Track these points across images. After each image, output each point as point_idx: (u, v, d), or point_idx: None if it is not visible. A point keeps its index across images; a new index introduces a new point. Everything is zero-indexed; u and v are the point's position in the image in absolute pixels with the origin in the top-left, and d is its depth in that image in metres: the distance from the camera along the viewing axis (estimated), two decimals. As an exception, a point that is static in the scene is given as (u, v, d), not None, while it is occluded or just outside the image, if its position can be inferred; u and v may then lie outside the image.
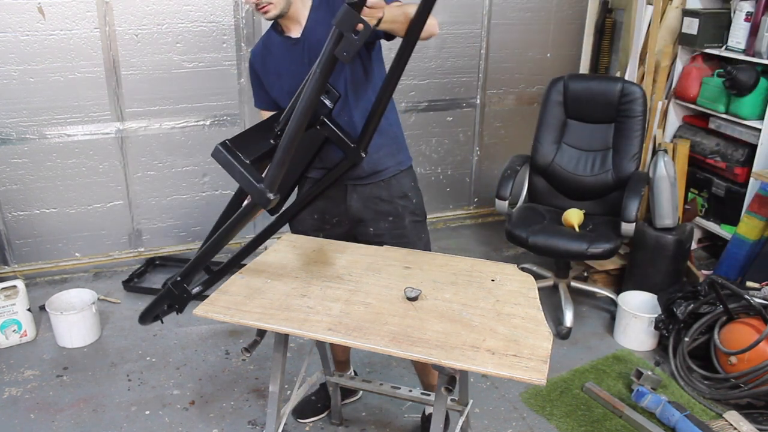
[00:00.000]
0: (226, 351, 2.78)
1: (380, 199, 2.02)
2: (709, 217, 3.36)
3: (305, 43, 1.86)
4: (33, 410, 2.41)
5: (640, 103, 2.99)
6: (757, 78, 2.93)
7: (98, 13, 3.00)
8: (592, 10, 3.78)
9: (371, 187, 2.01)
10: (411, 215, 2.06)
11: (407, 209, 2.05)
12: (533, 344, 1.48)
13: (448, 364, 1.44)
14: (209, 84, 3.24)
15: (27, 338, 2.80)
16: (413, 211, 2.06)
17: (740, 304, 2.53)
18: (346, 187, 2.02)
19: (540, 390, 2.53)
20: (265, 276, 1.79)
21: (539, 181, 3.22)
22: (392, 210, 2.03)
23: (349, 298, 1.67)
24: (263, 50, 1.95)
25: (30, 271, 3.29)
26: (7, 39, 2.91)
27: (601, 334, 2.96)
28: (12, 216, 3.18)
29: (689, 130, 3.40)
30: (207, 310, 1.63)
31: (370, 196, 2.02)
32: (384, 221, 2.04)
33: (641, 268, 3.03)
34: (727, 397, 2.43)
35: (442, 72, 3.72)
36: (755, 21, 2.95)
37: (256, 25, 3.24)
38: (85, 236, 3.33)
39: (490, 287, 1.74)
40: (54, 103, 3.06)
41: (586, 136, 3.13)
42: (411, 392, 2.11)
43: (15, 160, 3.09)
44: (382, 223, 2.04)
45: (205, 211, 3.51)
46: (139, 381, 2.58)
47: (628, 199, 2.76)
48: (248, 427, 2.35)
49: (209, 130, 3.34)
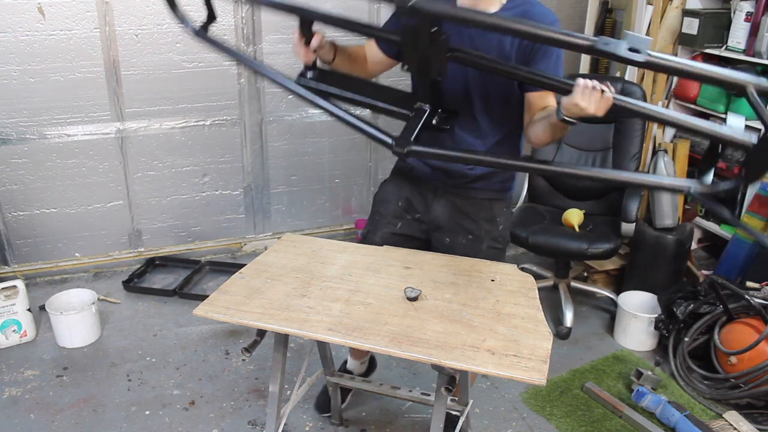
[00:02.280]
0: (226, 351, 2.78)
1: (466, 214, 1.95)
2: (709, 217, 3.36)
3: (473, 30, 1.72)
4: (33, 410, 2.41)
5: (640, 103, 2.99)
6: (757, 78, 2.93)
7: (98, 13, 3.00)
8: (592, 10, 3.78)
9: (461, 200, 1.94)
10: (491, 241, 1.97)
11: (489, 234, 1.96)
12: (533, 344, 1.48)
13: (448, 364, 1.44)
14: (209, 84, 3.24)
15: (27, 338, 2.80)
16: (495, 238, 1.97)
17: (740, 304, 2.53)
18: (437, 189, 1.96)
19: (540, 390, 2.53)
20: (265, 276, 1.79)
21: (539, 181, 3.22)
22: (474, 229, 1.95)
23: (349, 298, 1.67)
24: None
25: (30, 271, 3.29)
26: (7, 39, 2.91)
27: (601, 334, 2.96)
28: (12, 216, 3.18)
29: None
30: (207, 310, 1.63)
31: (456, 207, 1.95)
32: (462, 237, 1.96)
33: (641, 268, 3.03)
34: (727, 397, 2.43)
35: (442, 72, 3.71)
36: (755, 21, 2.95)
37: (256, 25, 3.24)
38: (85, 236, 3.33)
39: (490, 287, 1.74)
40: (54, 103, 3.06)
41: (586, 136, 3.13)
42: (411, 392, 2.11)
43: (15, 160, 3.09)
44: (459, 237, 1.96)
45: (205, 211, 3.51)
46: (139, 381, 2.58)
47: (628, 199, 2.77)
48: (248, 427, 2.35)
49: (209, 130, 3.34)
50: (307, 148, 3.57)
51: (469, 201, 1.94)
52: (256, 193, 3.56)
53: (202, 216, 3.51)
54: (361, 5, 3.35)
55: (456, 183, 1.92)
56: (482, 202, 1.95)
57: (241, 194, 3.54)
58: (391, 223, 2.03)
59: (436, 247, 2.01)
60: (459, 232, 1.96)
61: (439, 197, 1.96)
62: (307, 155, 3.58)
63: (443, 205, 1.96)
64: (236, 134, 3.40)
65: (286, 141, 3.51)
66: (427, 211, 1.99)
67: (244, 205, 3.57)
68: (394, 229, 2.02)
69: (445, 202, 1.96)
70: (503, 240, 2.01)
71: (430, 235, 2.03)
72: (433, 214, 1.98)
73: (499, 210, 1.97)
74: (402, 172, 2.04)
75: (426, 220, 2.01)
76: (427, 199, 1.98)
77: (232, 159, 3.45)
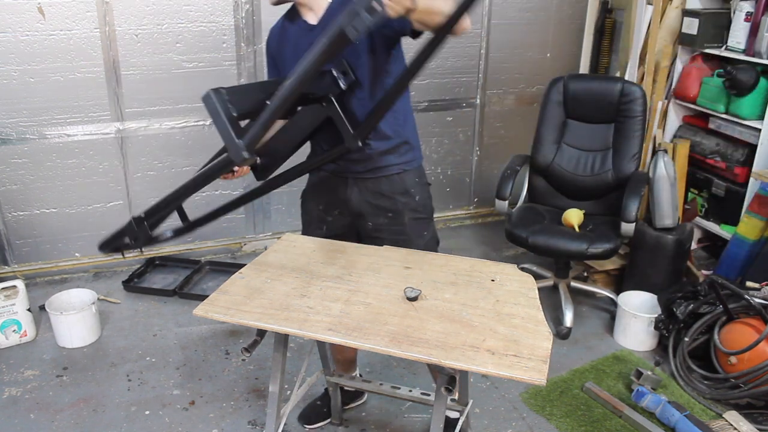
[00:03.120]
0: (226, 351, 2.78)
1: (380, 194, 1.99)
2: (709, 217, 3.36)
3: (322, 29, 1.76)
4: (33, 410, 2.41)
5: (640, 103, 2.99)
6: (757, 78, 2.93)
7: (98, 13, 3.00)
8: (592, 10, 3.78)
9: (372, 182, 1.98)
10: (412, 212, 2.01)
11: (408, 206, 2.00)
12: (533, 344, 1.48)
13: (448, 364, 1.44)
14: (209, 84, 3.17)
15: (27, 338, 2.80)
16: (414, 209, 2.02)
17: (740, 304, 2.53)
18: (347, 180, 2.00)
19: (540, 390, 2.53)
20: (265, 276, 1.79)
21: (539, 181, 3.23)
22: (391, 206, 2.00)
23: (349, 298, 1.67)
24: (280, 31, 1.91)
25: (30, 271, 3.29)
26: (7, 39, 2.91)
27: (601, 334, 2.96)
28: (12, 216, 3.18)
29: (689, 130, 3.40)
30: (207, 310, 1.63)
31: (369, 191, 1.99)
32: (383, 216, 2.01)
33: (641, 268, 3.03)
34: (727, 397, 2.43)
35: (442, 72, 3.72)
36: (755, 21, 2.95)
37: (256, 25, 3.24)
38: (85, 236, 3.33)
39: (490, 287, 1.74)
40: (54, 103, 3.06)
41: (586, 136, 3.13)
42: (411, 392, 2.11)
43: (15, 160, 3.09)
44: (381, 218, 2.01)
45: (205, 211, 3.48)
46: (139, 381, 2.58)
47: (628, 199, 2.76)
48: (248, 427, 2.35)
49: (209, 130, 3.34)
50: (307, 148, 3.55)
51: (379, 180, 1.98)
52: (256, 193, 3.56)
53: (202, 216, 3.50)
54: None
55: (361, 168, 1.96)
56: (392, 178, 1.98)
57: (240, 194, 3.53)
58: (318, 228, 2.10)
59: (364, 235, 2.06)
60: (378, 213, 2.01)
61: (351, 186, 2.00)
62: (307, 155, 3.57)
63: (356, 192, 2.00)
64: (236, 134, 3.40)
65: (286, 141, 3.51)
66: (345, 203, 2.03)
67: (244, 205, 3.56)
68: (321, 233, 2.09)
69: (357, 190, 2.00)
70: (425, 209, 2.04)
71: (356, 225, 2.07)
72: (350, 205, 2.02)
73: (411, 181, 2.00)
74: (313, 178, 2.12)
75: (346, 212, 2.05)
76: (341, 192, 2.02)
77: (232, 159, 3.44)
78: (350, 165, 1.96)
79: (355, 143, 1.75)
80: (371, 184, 1.99)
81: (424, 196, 2.05)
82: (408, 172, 2.01)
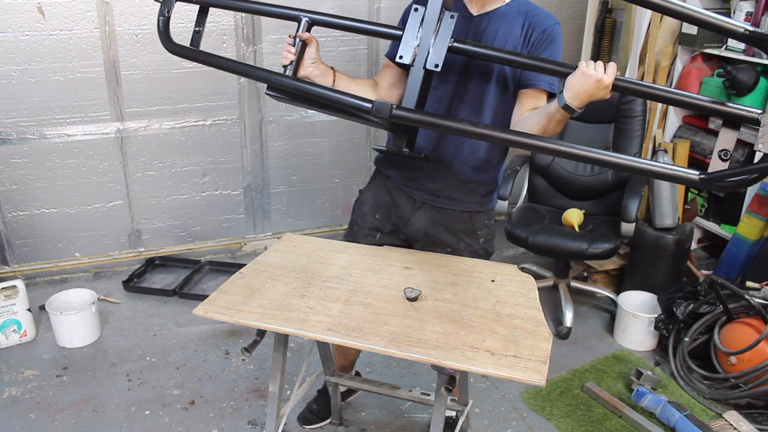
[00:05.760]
0: (226, 351, 2.78)
1: (445, 227, 1.91)
2: (709, 217, 3.36)
3: (478, 25, 1.73)
4: (33, 410, 2.41)
5: (639, 103, 2.99)
6: (757, 78, 2.93)
7: (98, 13, 3.00)
8: (592, 10, 3.77)
9: (441, 212, 1.90)
10: (471, 254, 1.93)
11: (470, 247, 1.92)
12: (533, 345, 1.48)
13: (447, 364, 1.44)
14: (209, 84, 3.24)
15: (27, 338, 2.80)
16: (475, 251, 1.93)
17: (740, 304, 2.53)
18: (415, 201, 1.91)
19: (540, 390, 2.53)
20: (265, 276, 1.79)
21: (539, 181, 3.23)
22: (452, 242, 1.92)
23: (349, 298, 1.67)
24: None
25: (30, 271, 3.29)
26: (7, 39, 2.91)
27: (601, 334, 2.96)
28: (12, 216, 3.18)
29: (689, 130, 3.40)
30: (206, 310, 1.62)
31: (435, 221, 1.91)
32: (441, 250, 1.92)
33: (641, 268, 3.03)
34: (727, 397, 2.43)
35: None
36: (755, 21, 2.95)
37: (256, 25, 3.24)
38: (85, 236, 3.33)
39: (490, 288, 1.74)
40: (54, 103, 3.06)
41: (586, 136, 3.13)
42: (411, 392, 2.11)
43: (15, 160, 3.09)
44: (438, 251, 1.93)
45: (205, 211, 3.51)
46: (139, 381, 2.58)
47: (628, 199, 2.77)
48: (248, 427, 2.35)
49: (209, 130, 3.34)
50: (306, 148, 3.57)
51: (448, 213, 1.90)
52: (256, 193, 3.56)
53: (202, 216, 3.51)
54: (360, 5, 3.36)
55: (435, 186, 1.88)
56: (462, 215, 1.91)
57: (240, 194, 3.54)
58: (369, 235, 2.00)
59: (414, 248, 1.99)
60: (437, 245, 1.93)
61: (416, 209, 1.92)
62: (307, 155, 3.58)
63: (421, 217, 1.92)
64: (236, 134, 3.40)
65: (286, 141, 3.51)
66: (404, 223, 1.95)
67: (244, 205, 3.57)
68: (373, 241, 2.00)
69: (422, 215, 1.92)
70: (485, 253, 1.96)
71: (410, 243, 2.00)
72: (411, 227, 1.94)
73: (480, 223, 1.93)
74: (380, 181, 2.00)
75: (403, 231, 1.97)
76: (405, 211, 1.94)
77: (231, 159, 3.45)
78: (426, 182, 1.87)
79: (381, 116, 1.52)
80: (438, 214, 1.90)
81: (489, 238, 1.97)
82: (481, 213, 1.93)
